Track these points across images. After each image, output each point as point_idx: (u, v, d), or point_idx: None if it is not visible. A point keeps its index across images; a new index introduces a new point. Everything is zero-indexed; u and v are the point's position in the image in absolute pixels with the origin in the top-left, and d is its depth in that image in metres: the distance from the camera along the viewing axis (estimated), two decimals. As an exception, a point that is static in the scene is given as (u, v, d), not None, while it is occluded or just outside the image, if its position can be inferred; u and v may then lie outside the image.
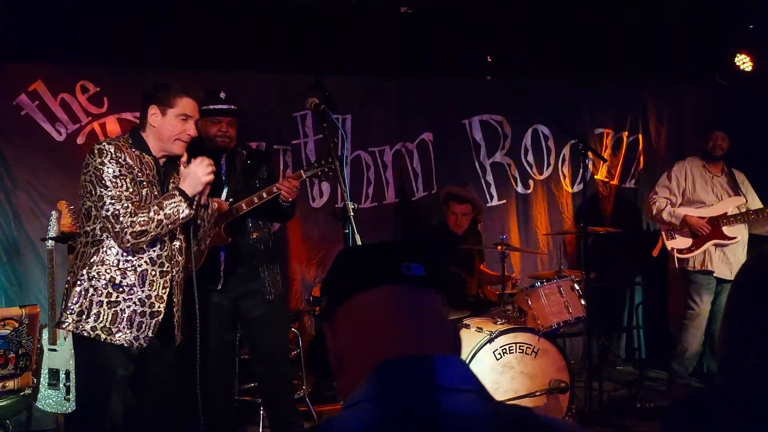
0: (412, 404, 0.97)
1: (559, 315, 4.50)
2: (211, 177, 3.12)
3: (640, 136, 6.43)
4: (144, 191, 3.07)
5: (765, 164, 5.90)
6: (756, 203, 5.32)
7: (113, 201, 2.95)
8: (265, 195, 3.80)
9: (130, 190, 3.00)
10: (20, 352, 3.70)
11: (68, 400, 4.32)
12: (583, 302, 4.58)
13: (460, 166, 5.92)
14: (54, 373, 4.38)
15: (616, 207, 6.33)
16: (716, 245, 5.20)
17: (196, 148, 3.94)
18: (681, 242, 5.28)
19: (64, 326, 3.03)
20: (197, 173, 3.07)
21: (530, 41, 5.61)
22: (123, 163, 3.01)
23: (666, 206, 5.29)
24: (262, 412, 4.48)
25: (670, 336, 5.43)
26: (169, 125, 3.15)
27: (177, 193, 3.05)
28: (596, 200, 6.26)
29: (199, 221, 3.29)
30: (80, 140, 4.92)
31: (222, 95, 3.95)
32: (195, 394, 3.32)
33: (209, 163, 3.12)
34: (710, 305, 5.27)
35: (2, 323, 3.22)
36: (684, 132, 6.49)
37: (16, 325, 3.45)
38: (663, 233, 5.38)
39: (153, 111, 3.15)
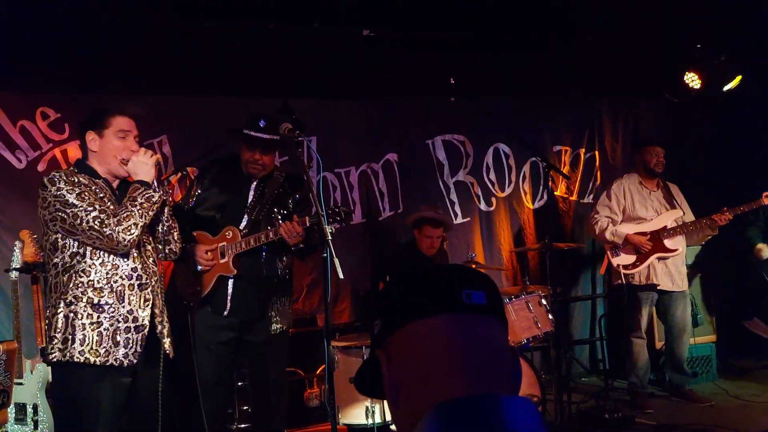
0: None
1: (528, 330, 4.58)
2: (155, 158, 3.20)
3: (597, 153, 6.64)
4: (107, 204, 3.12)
5: (713, 177, 6.15)
6: (688, 216, 5.52)
7: (89, 210, 2.99)
8: (271, 236, 3.75)
9: (98, 199, 3.07)
10: (-1, 389, 3.60)
11: (36, 435, 4.21)
12: (551, 317, 4.67)
13: (425, 185, 6.00)
14: (21, 408, 4.26)
15: (575, 222, 6.51)
16: (659, 258, 5.38)
17: (231, 168, 3.97)
18: (625, 259, 5.44)
19: (51, 358, 3.00)
20: (141, 161, 3.15)
21: (490, 63, 5.73)
22: (77, 182, 3.07)
23: (608, 226, 5.44)
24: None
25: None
26: (109, 145, 3.19)
27: (138, 185, 3.13)
28: (556, 216, 6.40)
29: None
30: (41, 167, 4.81)
31: (261, 123, 3.85)
32: (190, 417, 3.30)
33: (145, 150, 3.19)
34: (650, 317, 5.51)
35: (-19, 360, 3.13)
36: (638, 148, 6.74)
37: (-6, 361, 3.36)
38: (608, 251, 5.55)
39: (90, 137, 3.20)
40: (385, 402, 4.31)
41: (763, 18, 5.43)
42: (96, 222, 2.97)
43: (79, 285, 3.02)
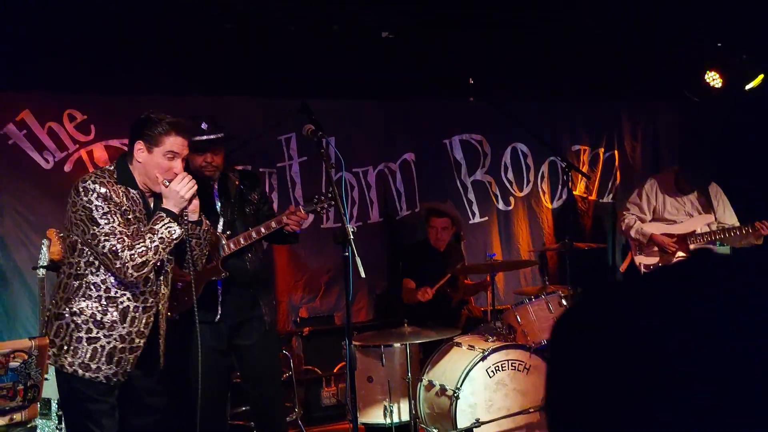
0: None
1: (548, 331, 4.56)
2: (192, 191, 3.09)
3: (616, 152, 6.62)
4: (132, 227, 3.03)
5: (737, 177, 6.08)
6: (729, 218, 5.40)
7: (108, 237, 2.93)
8: (263, 230, 3.77)
9: (122, 224, 2.98)
10: (29, 384, 3.67)
11: (60, 429, 4.31)
12: (569, 317, 4.67)
13: (442, 184, 6.02)
14: (46, 403, 4.35)
15: (594, 221, 6.49)
16: None
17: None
18: (648, 259, 5.41)
19: (47, 360, 3.04)
20: (178, 191, 3.04)
21: (509, 63, 5.74)
22: (109, 198, 2.98)
23: (635, 223, 5.41)
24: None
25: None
26: (154, 163, 3.07)
27: (164, 214, 3.03)
28: (575, 215, 6.40)
29: (194, 241, 3.26)
30: (67, 168, 4.92)
31: (204, 126, 3.80)
32: (191, 423, 3.35)
33: (189, 179, 3.09)
34: None
35: (12, 355, 3.19)
36: (659, 147, 6.73)
37: (26, 357, 3.42)
38: (632, 249, 5.52)
39: (139, 147, 3.07)
40: (403, 401, 4.36)
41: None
42: (111, 251, 2.91)
43: (87, 296, 3.00)
